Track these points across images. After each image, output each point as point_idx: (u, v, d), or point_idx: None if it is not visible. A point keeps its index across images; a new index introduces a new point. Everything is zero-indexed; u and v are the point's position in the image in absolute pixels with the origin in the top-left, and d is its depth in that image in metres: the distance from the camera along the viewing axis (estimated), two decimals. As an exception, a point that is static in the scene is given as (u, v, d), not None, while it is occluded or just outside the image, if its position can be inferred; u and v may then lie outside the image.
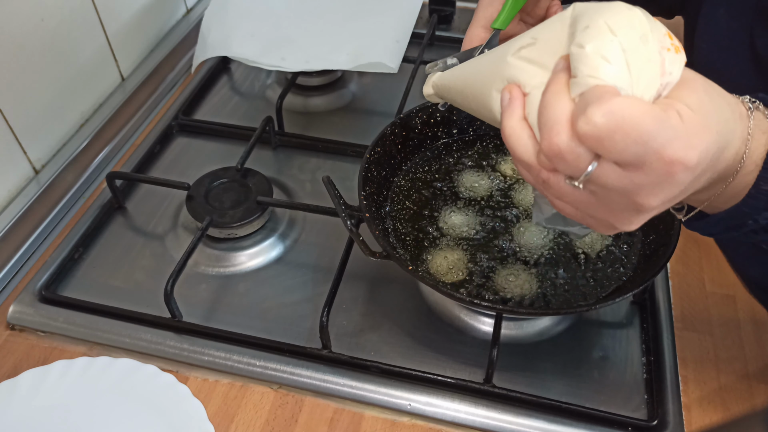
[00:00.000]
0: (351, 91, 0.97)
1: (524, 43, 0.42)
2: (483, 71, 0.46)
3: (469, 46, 0.58)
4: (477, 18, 0.58)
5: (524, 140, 0.39)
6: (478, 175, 0.72)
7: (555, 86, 0.37)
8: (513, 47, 0.42)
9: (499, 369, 0.62)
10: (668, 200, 0.38)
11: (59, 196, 0.80)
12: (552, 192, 0.40)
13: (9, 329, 0.67)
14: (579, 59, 0.36)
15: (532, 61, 0.41)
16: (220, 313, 0.68)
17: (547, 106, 0.37)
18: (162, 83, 0.98)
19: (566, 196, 0.39)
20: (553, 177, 0.39)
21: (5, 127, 0.74)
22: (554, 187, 0.39)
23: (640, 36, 0.36)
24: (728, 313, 0.69)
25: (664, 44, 0.37)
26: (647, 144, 0.34)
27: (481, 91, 0.45)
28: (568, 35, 0.38)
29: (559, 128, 0.36)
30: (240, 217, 0.72)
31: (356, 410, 0.61)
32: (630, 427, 0.59)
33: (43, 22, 0.77)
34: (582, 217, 0.41)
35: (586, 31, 0.36)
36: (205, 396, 0.61)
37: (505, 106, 0.41)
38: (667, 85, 0.37)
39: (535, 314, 0.65)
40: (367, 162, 0.67)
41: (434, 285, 0.57)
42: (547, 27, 0.41)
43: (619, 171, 0.36)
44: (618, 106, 0.34)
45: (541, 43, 0.41)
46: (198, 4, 1.12)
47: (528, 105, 0.40)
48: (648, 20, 0.37)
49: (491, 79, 0.43)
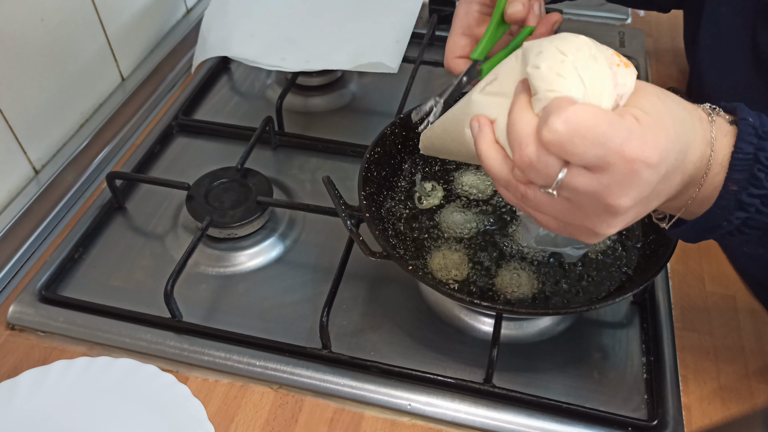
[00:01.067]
0: (351, 91, 0.97)
1: (487, 80, 0.46)
2: (456, 116, 0.50)
3: (451, 53, 0.60)
4: (455, 26, 0.60)
5: (498, 160, 0.43)
6: (478, 175, 0.72)
7: (518, 106, 0.41)
8: (478, 87, 0.47)
9: (499, 369, 0.62)
10: (640, 200, 0.40)
11: (59, 196, 0.80)
12: (531, 205, 0.43)
13: (9, 329, 0.67)
14: (536, 78, 0.40)
15: (496, 93, 0.45)
16: (220, 313, 0.68)
17: (514, 123, 0.40)
18: (162, 83, 0.98)
19: (544, 207, 0.42)
20: (530, 190, 0.41)
21: (5, 127, 0.74)
22: (532, 199, 0.42)
23: (588, 56, 0.40)
24: (728, 313, 0.69)
25: (613, 61, 0.41)
26: (605, 145, 0.37)
27: (457, 133, 0.49)
28: (522, 65, 0.43)
29: (527, 141, 0.39)
30: (240, 217, 0.72)
31: (356, 410, 0.61)
32: (630, 427, 0.59)
33: (43, 22, 0.77)
34: (563, 227, 0.44)
35: (539, 56, 0.40)
36: (205, 396, 0.61)
37: (476, 134, 0.44)
38: (623, 96, 0.40)
39: (535, 314, 0.65)
40: (367, 162, 0.67)
41: (434, 285, 0.57)
42: (505, 64, 0.45)
43: (587, 174, 0.38)
44: (574, 112, 0.36)
45: (501, 77, 0.45)
46: (198, 4, 1.12)
47: (497, 130, 0.44)
48: (594, 44, 0.41)
49: (463, 119, 0.48)
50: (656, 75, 1.01)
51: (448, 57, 0.60)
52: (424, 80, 0.98)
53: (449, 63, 0.60)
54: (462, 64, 0.59)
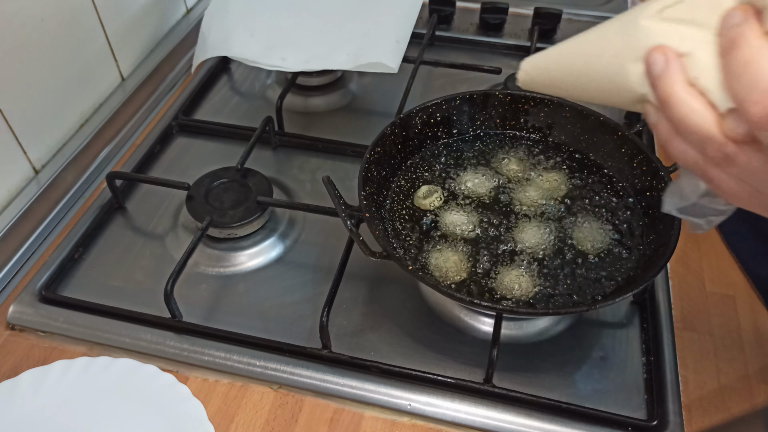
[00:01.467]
0: (351, 91, 0.97)
1: (667, 3, 0.36)
2: (605, 45, 0.39)
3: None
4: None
5: (699, 109, 0.34)
6: (478, 174, 0.72)
7: (752, 39, 0.31)
8: (649, 10, 0.37)
9: (499, 369, 0.62)
10: None
11: (59, 196, 0.80)
12: (733, 169, 0.34)
13: (9, 329, 0.67)
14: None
15: (683, 21, 0.35)
16: (220, 313, 0.68)
17: (750, 63, 0.31)
18: (162, 83, 0.98)
19: (753, 173, 0.34)
20: (743, 151, 0.33)
21: (5, 127, 0.74)
22: (740, 162, 0.33)
23: None
24: (728, 313, 0.69)
25: None
26: None
27: (606, 68, 0.39)
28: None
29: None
30: (240, 217, 0.72)
31: (356, 410, 0.61)
32: (630, 427, 0.59)
33: (43, 22, 0.77)
34: (760, 202, 0.36)
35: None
36: (205, 396, 0.61)
37: (659, 72, 0.35)
38: None
39: (535, 314, 0.65)
40: (367, 162, 0.67)
41: (434, 285, 0.57)
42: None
43: None
44: None
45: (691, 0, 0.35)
46: (198, 4, 1.12)
47: (693, 68, 0.35)
48: None
49: (621, 51, 0.38)
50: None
51: None
52: (424, 80, 0.98)
53: None
54: None
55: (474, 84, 0.96)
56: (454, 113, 0.75)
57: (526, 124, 0.76)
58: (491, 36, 1.06)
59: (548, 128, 0.76)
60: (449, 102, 0.74)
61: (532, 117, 0.76)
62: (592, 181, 0.72)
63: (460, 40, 1.06)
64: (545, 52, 0.45)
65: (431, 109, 0.73)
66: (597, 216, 0.68)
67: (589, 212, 0.68)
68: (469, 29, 1.08)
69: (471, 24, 1.09)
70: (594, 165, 0.73)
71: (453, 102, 0.74)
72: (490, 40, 1.06)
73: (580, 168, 0.73)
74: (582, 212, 0.68)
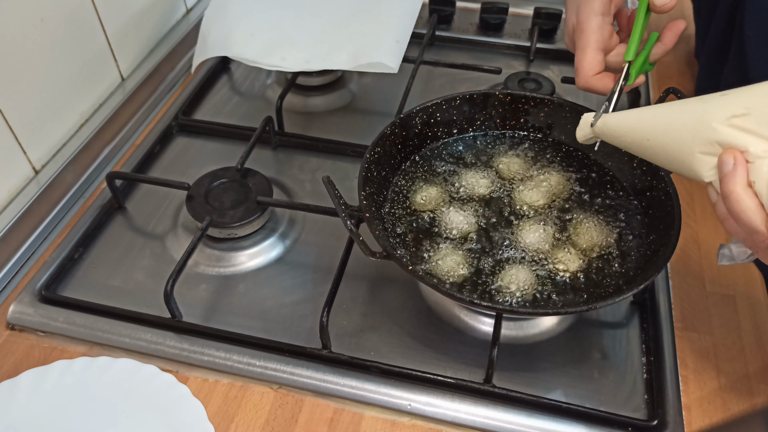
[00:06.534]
0: (351, 91, 0.97)
1: (736, 112, 0.43)
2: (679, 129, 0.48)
3: (590, 71, 0.58)
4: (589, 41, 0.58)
5: (752, 208, 0.42)
6: (478, 174, 0.72)
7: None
8: (719, 114, 0.44)
9: (499, 369, 0.62)
10: None
11: (59, 196, 0.80)
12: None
13: (9, 329, 0.67)
14: None
15: (749, 131, 0.43)
16: (220, 313, 0.68)
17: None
18: (162, 83, 0.98)
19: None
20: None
21: (5, 127, 0.74)
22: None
23: None
24: (728, 313, 0.69)
25: None
26: None
27: (677, 148, 0.48)
28: None
29: None
30: (240, 217, 0.72)
31: (356, 410, 0.61)
32: (630, 427, 0.59)
33: (43, 22, 0.77)
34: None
35: None
36: (205, 396, 0.61)
37: (728, 172, 0.43)
38: None
39: (535, 314, 0.65)
40: (367, 162, 0.67)
41: (434, 285, 0.57)
42: (760, 97, 0.43)
43: None
44: None
45: (757, 114, 0.43)
46: (198, 4, 1.12)
47: (753, 173, 0.42)
48: None
49: (692, 140, 0.46)
50: (656, 76, 1.01)
51: (587, 75, 0.58)
52: (424, 80, 0.98)
53: (589, 82, 0.58)
54: (606, 80, 0.57)
55: (474, 84, 0.96)
56: (454, 113, 0.75)
57: (526, 123, 0.76)
58: (491, 36, 1.06)
59: (548, 128, 0.76)
60: (449, 102, 0.74)
61: (532, 117, 0.76)
62: (592, 181, 0.72)
63: (460, 40, 1.06)
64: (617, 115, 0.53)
65: (431, 109, 0.73)
66: (597, 216, 0.68)
67: (589, 212, 0.68)
68: (469, 29, 1.08)
69: (471, 24, 1.09)
70: (594, 165, 0.73)
71: (453, 102, 0.74)
72: (490, 40, 1.06)
73: (580, 168, 0.73)
74: (582, 212, 0.68)
